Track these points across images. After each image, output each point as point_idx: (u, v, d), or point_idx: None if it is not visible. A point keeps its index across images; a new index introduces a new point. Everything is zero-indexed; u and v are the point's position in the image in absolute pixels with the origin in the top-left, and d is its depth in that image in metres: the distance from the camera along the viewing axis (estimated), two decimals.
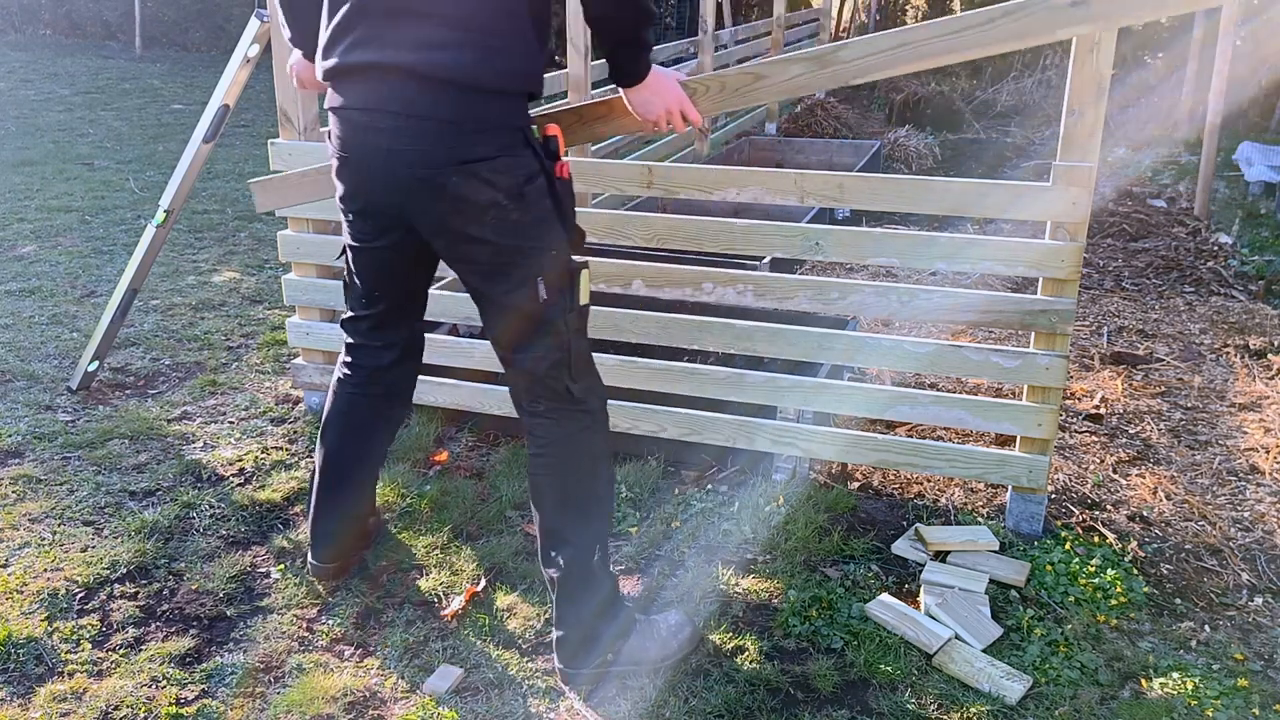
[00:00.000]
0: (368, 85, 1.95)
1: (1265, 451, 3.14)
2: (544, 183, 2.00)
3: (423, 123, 1.91)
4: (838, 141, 7.11)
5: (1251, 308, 4.37)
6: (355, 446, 2.42)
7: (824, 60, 2.29)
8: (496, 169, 1.94)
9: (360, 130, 1.98)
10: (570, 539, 2.15)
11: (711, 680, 2.17)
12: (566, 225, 2.06)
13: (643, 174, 2.77)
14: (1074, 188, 2.41)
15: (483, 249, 2.01)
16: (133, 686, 2.15)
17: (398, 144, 1.93)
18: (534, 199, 1.99)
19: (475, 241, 2.00)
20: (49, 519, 2.74)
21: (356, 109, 1.98)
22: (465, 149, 1.92)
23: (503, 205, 1.95)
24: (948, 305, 2.65)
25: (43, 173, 6.57)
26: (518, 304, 2.05)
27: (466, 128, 1.92)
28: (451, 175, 1.93)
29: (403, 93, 1.91)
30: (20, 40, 13.44)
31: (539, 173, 2.00)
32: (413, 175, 1.95)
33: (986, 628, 2.32)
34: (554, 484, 2.15)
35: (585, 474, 2.16)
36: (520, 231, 1.99)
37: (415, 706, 2.10)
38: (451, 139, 1.92)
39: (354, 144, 2.01)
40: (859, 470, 3.03)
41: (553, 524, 2.16)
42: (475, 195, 1.94)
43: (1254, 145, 6.64)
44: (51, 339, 3.96)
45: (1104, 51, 2.33)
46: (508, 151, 1.96)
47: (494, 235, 1.98)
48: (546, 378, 2.09)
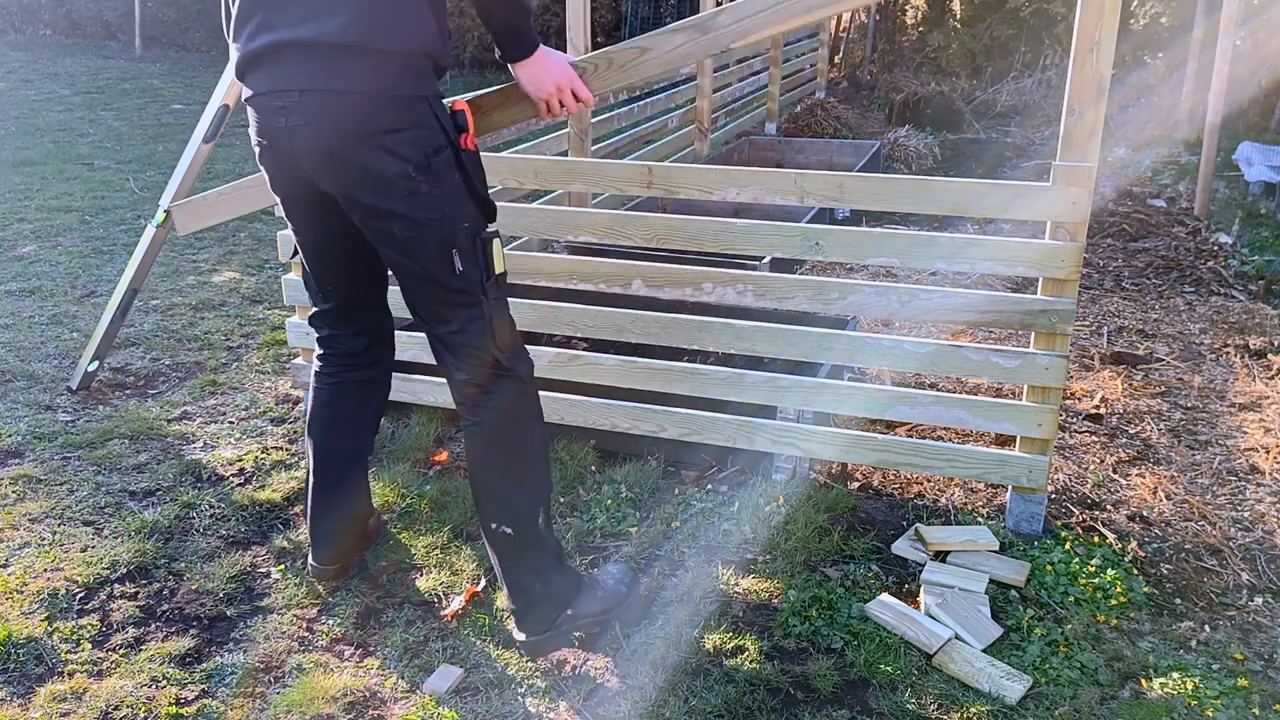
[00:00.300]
0: (272, 69, 1.98)
1: (1265, 451, 3.14)
2: (451, 155, 2.02)
3: (326, 96, 1.94)
4: (838, 141, 7.11)
5: (1251, 308, 4.37)
6: (341, 439, 2.43)
7: (704, 28, 2.31)
8: (403, 140, 1.96)
9: (271, 114, 2.00)
10: (512, 507, 2.18)
11: (711, 680, 2.17)
12: (476, 197, 2.08)
13: (643, 174, 2.77)
14: (1074, 188, 2.41)
15: (396, 223, 2.02)
16: (133, 686, 2.15)
17: (305, 121, 1.96)
18: (442, 171, 2.01)
19: (388, 215, 2.01)
20: (49, 519, 2.75)
21: (264, 94, 2.00)
22: (371, 121, 1.94)
23: (412, 178, 1.98)
24: (948, 305, 2.65)
25: (43, 173, 6.57)
26: (436, 277, 2.07)
27: (371, 98, 1.94)
28: (359, 148, 1.95)
29: (304, 68, 1.94)
30: (20, 40, 13.44)
31: (445, 145, 2.02)
32: (322, 151, 1.98)
33: (986, 628, 2.32)
34: (489, 453, 2.18)
35: (519, 441, 2.19)
36: (431, 204, 2.01)
37: (415, 706, 2.10)
38: (356, 111, 1.94)
39: (267, 129, 2.03)
40: (859, 470, 3.03)
41: (492, 493, 2.19)
42: (384, 168, 1.96)
43: (1254, 145, 6.64)
44: (51, 339, 3.96)
45: (1104, 51, 2.33)
46: (414, 123, 1.98)
47: (405, 208, 2.00)
48: (472, 348, 2.12)
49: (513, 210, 3.01)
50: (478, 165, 2.10)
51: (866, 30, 11.51)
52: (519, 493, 2.19)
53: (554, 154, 4.67)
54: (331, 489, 2.45)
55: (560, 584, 2.24)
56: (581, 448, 3.08)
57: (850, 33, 12.03)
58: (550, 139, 4.76)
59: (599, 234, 2.89)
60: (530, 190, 4.41)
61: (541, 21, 12.82)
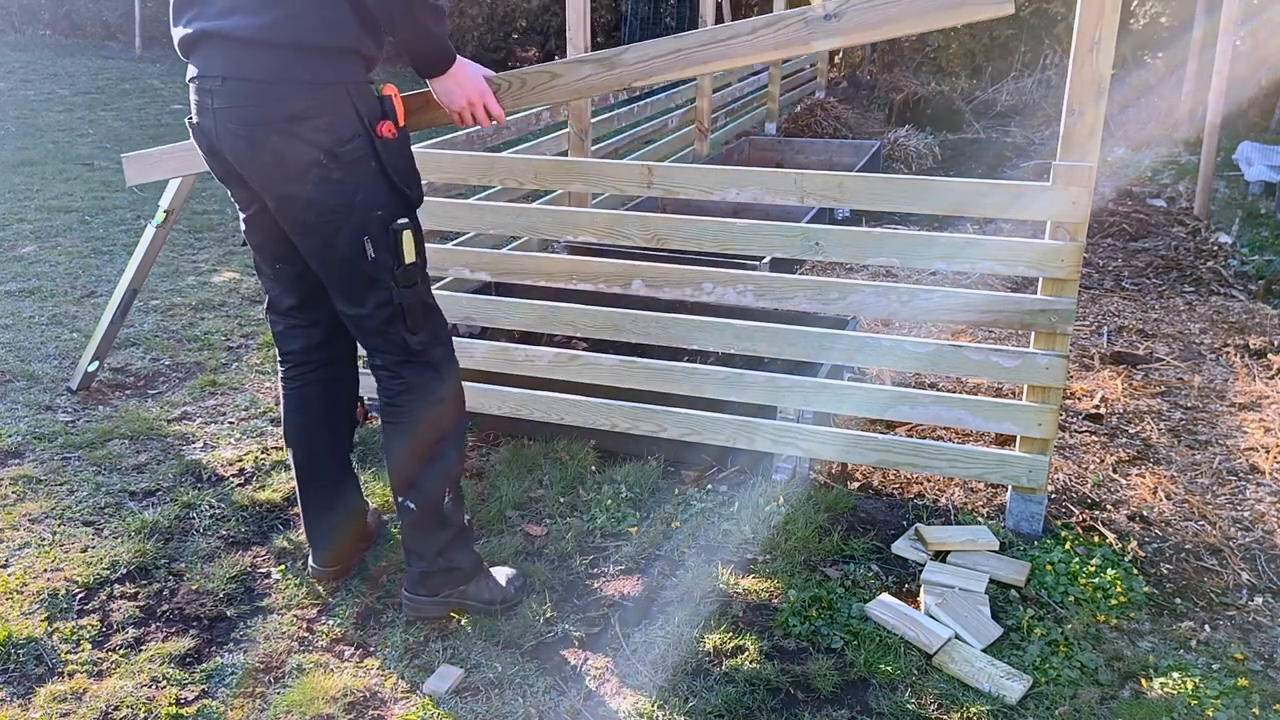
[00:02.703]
0: (201, 55, 2.05)
1: (1265, 451, 3.14)
2: (364, 143, 2.06)
3: (243, 84, 2.00)
4: (837, 141, 7.11)
5: (1251, 307, 4.37)
6: (318, 441, 2.44)
7: (610, 63, 2.38)
8: (316, 127, 2.01)
9: (201, 94, 2.07)
10: (418, 485, 2.27)
11: (711, 680, 2.17)
12: (392, 186, 2.12)
13: (643, 174, 2.77)
14: (1074, 187, 2.41)
15: (308, 209, 2.07)
16: (133, 687, 2.15)
17: (225, 104, 2.02)
18: (354, 159, 2.05)
19: (300, 201, 2.07)
20: (49, 519, 2.75)
21: (196, 78, 2.07)
22: (282, 107, 2.00)
23: (323, 164, 2.03)
24: (948, 305, 2.65)
25: (43, 173, 6.57)
26: (347, 261, 2.12)
27: (284, 86, 2.00)
28: (271, 134, 2.01)
29: (226, 56, 2.01)
30: (20, 40, 13.44)
31: (360, 133, 2.05)
32: (238, 136, 2.04)
33: (986, 627, 2.32)
34: (400, 433, 2.26)
35: (431, 423, 2.26)
36: (342, 191, 2.06)
37: (415, 707, 2.10)
38: (270, 97, 2.00)
39: (197, 109, 2.09)
40: (859, 470, 3.02)
41: (401, 472, 2.28)
42: (295, 154, 2.01)
43: (1254, 145, 6.64)
44: (51, 339, 3.96)
45: (1104, 51, 2.33)
46: (326, 110, 2.02)
47: (317, 194, 2.05)
48: (382, 332, 2.20)
49: (513, 210, 3.01)
50: (398, 154, 2.13)
51: None
52: (426, 473, 2.27)
53: (554, 154, 4.67)
54: (320, 491, 2.45)
55: (460, 561, 2.34)
56: (581, 448, 3.08)
57: None
58: (550, 139, 4.76)
59: (599, 234, 2.89)
60: (530, 190, 4.41)
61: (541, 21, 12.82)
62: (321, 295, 2.31)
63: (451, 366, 2.29)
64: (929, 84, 9.78)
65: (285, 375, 2.40)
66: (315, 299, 2.32)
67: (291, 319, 2.36)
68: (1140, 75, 8.99)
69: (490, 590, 2.39)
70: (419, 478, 2.26)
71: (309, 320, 2.36)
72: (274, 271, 2.31)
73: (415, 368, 2.23)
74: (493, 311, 3.06)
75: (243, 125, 2.02)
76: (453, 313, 3.12)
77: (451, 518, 2.32)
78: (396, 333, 2.19)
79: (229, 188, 2.23)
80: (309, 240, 2.14)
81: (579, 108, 4.71)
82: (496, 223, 3.00)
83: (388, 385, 2.25)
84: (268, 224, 2.21)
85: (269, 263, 2.30)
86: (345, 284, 2.17)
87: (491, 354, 3.08)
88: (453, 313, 3.12)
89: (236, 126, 2.02)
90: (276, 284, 2.33)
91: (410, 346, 2.21)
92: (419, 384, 2.23)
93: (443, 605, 2.35)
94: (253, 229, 2.26)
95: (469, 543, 2.38)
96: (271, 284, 2.34)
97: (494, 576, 2.42)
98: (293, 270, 2.28)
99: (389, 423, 2.27)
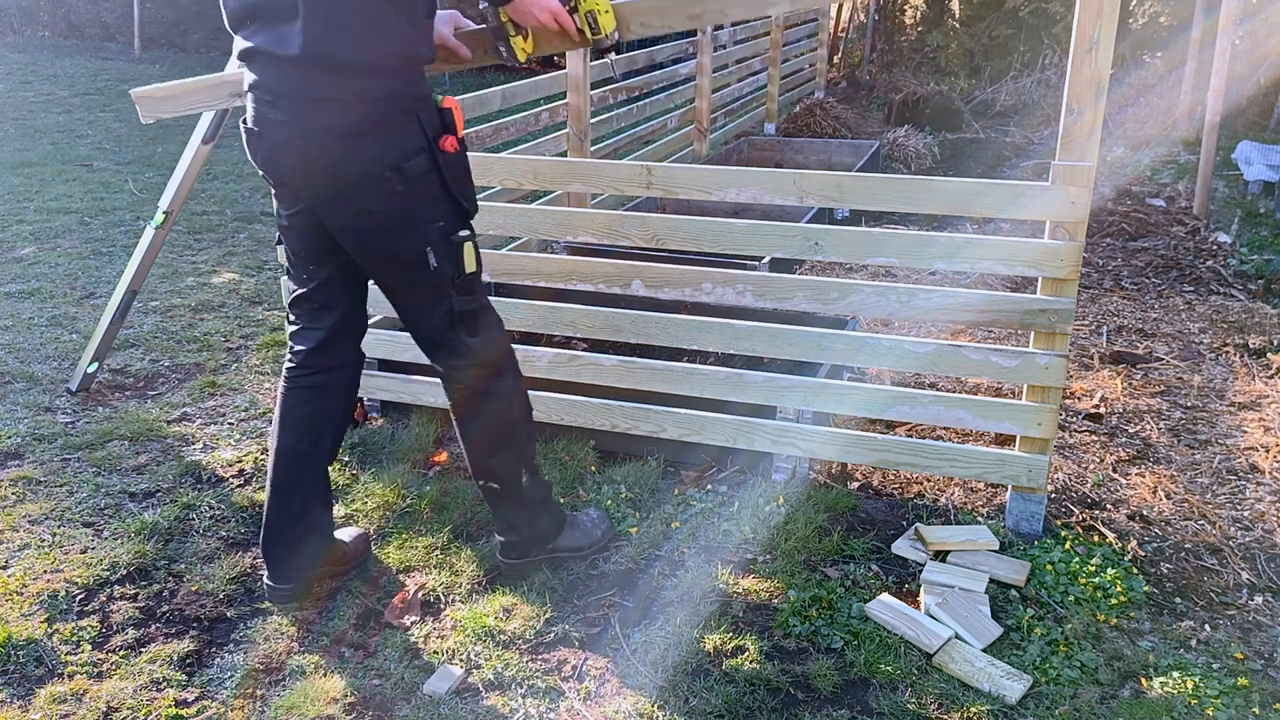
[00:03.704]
0: (259, 68, 2.09)
1: (1265, 450, 3.14)
2: (426, 158, 2.11)
3: (304, 101, 2.05)
4: (836, 141, 7.11)
5: (1251, 307, 4.37)
6: (296, 444, 2.38)
7: None
8: (381, 142, 2.07)
9: (261, 105, 2.11)
10: (495, 471, 2.41)
11: (711, 680, 2.17)
12: (451, 197, 2.18)
13: (642, 174, 2.77)
14: (1073, 187, 2.41)
15: (369, 220, 2.13)
16: (132, 688, 2.15)
17: (287, 117, 2.07)
18: (417, 173, 2.11)
19: (361, 212, 2.12)
20: (49, 520, 2.74)
21: (256, 88, 2.11)
22: (346, 122, 2.05)
23: (387, 178, 2.08)
24: (947, 305, 2.65)
25: (42, 174, 6.57)
26: (408, 271, 2.20)
27: (349, 104, 2.04)
28: (335, 148, 2.05)
29: (283, 75, 2.05)
30: (19, 42, 13.44)
31: (423, 148, 2.11)
32: (300, 150, 2.07)
33: (986, 627, 2.32)
34: (471, 428, 2.38)
35: (497, 416, 2.38)
36: (405, 203, 2.11)
37: (415, 707, 2.10)
38: (334, 114, 2.05)
39: (260, 118, 2.12)
40: (859, 470, 3.02)
41: (477, 461, 2.41)
42: (358, 167, 2.07)
43: (1253, 144, 6.63)
44: (51, 341, 3.96)
45: (1103, 51, 2.33)
46: (390, 126, 2.08)
47: (379, 206, 2.11)
48: (444, 340, 2.29)
49: (512, 211, 3.01)
50: (458, 166, 2.17)
51: (865, 30, 11.51)
52: (500, 460, 2.41)
53: (553, 154, 4.67)
54: (289, 494, 2.39)
55: (543, 525, 2.49)
56: (581, 448, 3.08)
57: (849, 32, 12.04)
58: (550, 139, 4.76)
59: (598, 234, 2.89)
60: (529, 190, 4.41)
61: None
62: (342, 300, 2.34)
63: (510, 362, 2.39)
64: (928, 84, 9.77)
65: (285, 372, 2.41)
66: (336, 303, 2.35)
67: (309, 319, 2.38)
68: (1139, 75, 8.99)
69: (577, 538, 2.56)
70: (495, 464, 2.40)
71: (324, 325, 2.36)
72: (308, 272, 2.33)
73: (476, 369, 2.31)
74: None
75: (306, 139, 2.07)
76: None
77: (532, 493, 2.46)
78: (457, 338, 2.27)
79: (276, 188, 2.26)
80: (369, 250, 2.19)
81: (578, 108, 4.71)
82: (496, 223, 3.00)
83: (452, 387, 2.34)
84: (310, 226, 2.25)
85: (304, 263, 2.32)
86: (405, 293, 2.26)
87: None
88: None
89: (301, 140, 2.07)
90: (305, 284, 2.35)
91: (471, 349, 2.28)
92: (481, 384, 2.32)
93: (535, 563, 2.51)
94: (294, 230, 2.29)
95: (551, 506, 2.52)
96: (300, 283, 2.36)
97: (580, 524, 2.59)
98: (326, 273, 2.32)
99: (459, 419, 2.37)
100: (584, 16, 2.38)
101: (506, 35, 2.40)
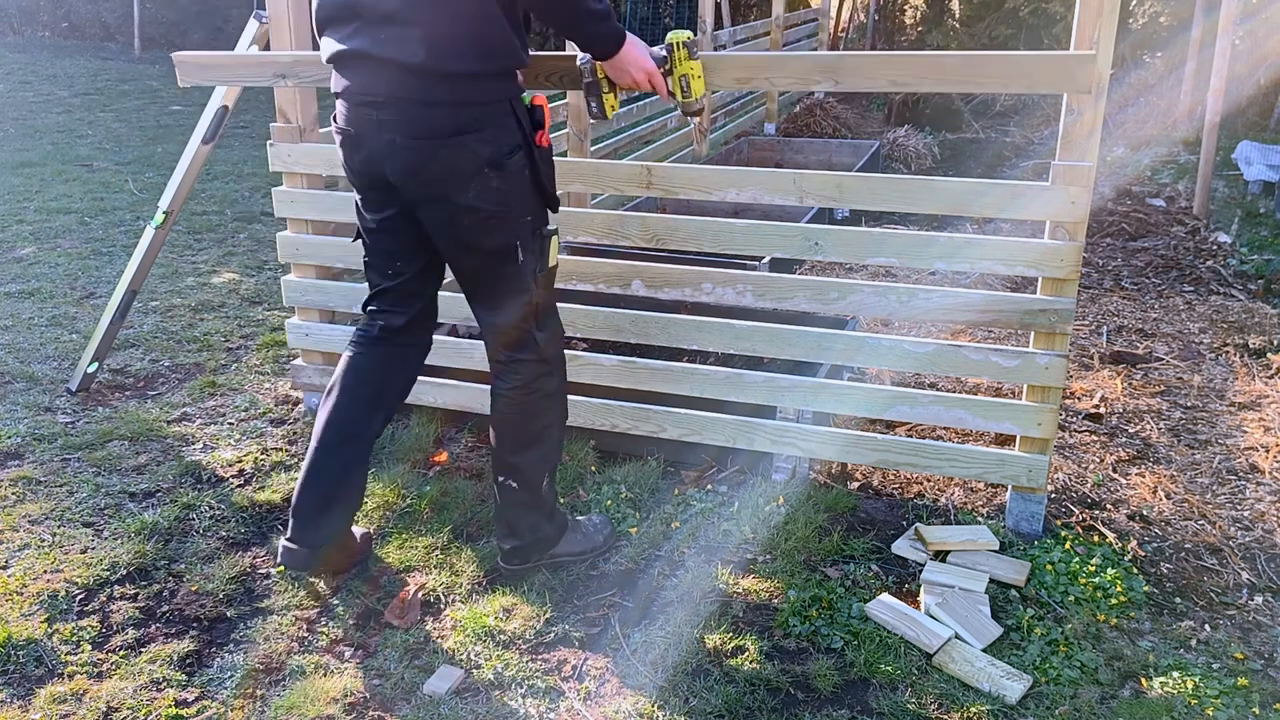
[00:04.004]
0: (361, 72, 2.14)
1: (1265, 450, 3.14)
2: (524, 154, 2.19)
3: (412, 105, 2.10)
4: (836, 141, 7.11)
5: (1251, 307, 4.37)
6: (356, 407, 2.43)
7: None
8: (483, 139, 2.12)
9: (360, 107, 2.16)
10: (522, 470, 2.42)
11: (711, 680, 2.17)
12: (542, 193, 2.26)
13: (642, 174, 2.77)
14: (1073, 187, 2.41)
15: (467, 215, 2.18)
16: (132, 688, 2.15)
17: (392, 118, 2.11)
18: (515, 169, 2.18)
19: (461, 209, 2.17)
20: (49, 520, 2.74)
21: (355, 92, 2.16)
22: (453, 123, 2.10)
23: (486, 174, 2.14)
24: (947, 305, 2.65)
25: (42, 174, 6.57)
26: (497, 266, 2.26)
27: (455, 105, 2.10)
28: (441, 148, 2.11)
29: (388, 80, 2.10)
30: (19, 42, 13.44)
31: (521, 144, 2.18)
32: (408, 148, 2.11)
33: (986, 627, 2.32)
34: (511, 423, 2.40)
35: (539, 415, 2.42)
36: (502, 198, 2.18)
37: (415, 707, 2.10)
38: (441, 115, 2.10)
39: (356, 120, 2.18)
40: (859, 470, 3.02)
41: (507, 458, 2.42)
42: (462, 165, 2.12)
43: (1253, 144, 6.64)
44: (51, 341, 3.96)
45: (1102, 51, 2.33)
46: (493, 124, 2.14)
47: (478, 202, 2.16)
48: (516, 330, 2.33)
49: None
50: (548, 162, 2.27)
51: (865, 30, 11.51)
52: (529, 459, 2.42)
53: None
54: (331, 455, 2.41)
55: (547, 531, 2.50)
56: (581, 448, 3.08)
57: (849, 32, 12.04)
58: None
59: (598, 234, 2.89)
60: None
61: None
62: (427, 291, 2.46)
63: (561, 363, 2.45)
64: None
65: (362, 340, 2.46)
66: (421, 293, 2.45)
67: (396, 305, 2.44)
68: (1139, 75, 8.99)
69: (579, 543, 2.57)
70: (522, 463, 2.41)
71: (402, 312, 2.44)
72: (394, 269, 2.39)
73: (534, 364, 2.36)
74: None
75: (412, 139, 2.11)
76: (453, 313, 3.12)
77: (547, 498, 2.48)
78: (528, 330, 2.33)
79: (367, 192, 2.30)
80: (462, 244, 2.25)
81: (578, 108, 4.71)
82: None
83: (507, 379, 2.37)
84: (401, 228, 2.31)
85: (390, 261, 2.39)
86: (489, 285, 2.30)
87: None
88: (453, 313, 3.12)
89: (405, 140, 2.12)
90: (391, 279, 2.41)
91: (536, 343, 2.35)
92: (534, 379, 2.37)
93: (536, 568, 2.53)
94: (383, 232, 2.34)
95: (556, 512, 2.53)
96: (385, 278, 2.41)
97: (581, 528, 2.60)
98: (412, 269, 2.39)
99: (501, 412, 2.40)
100: (678, 80, 2.42)
101: (600, 92, 2.43)
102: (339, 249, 3.16)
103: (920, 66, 2.37)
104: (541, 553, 2.51)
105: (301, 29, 3.04)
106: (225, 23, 13.05)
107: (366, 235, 2.39)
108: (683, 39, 2.39)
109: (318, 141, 3.13)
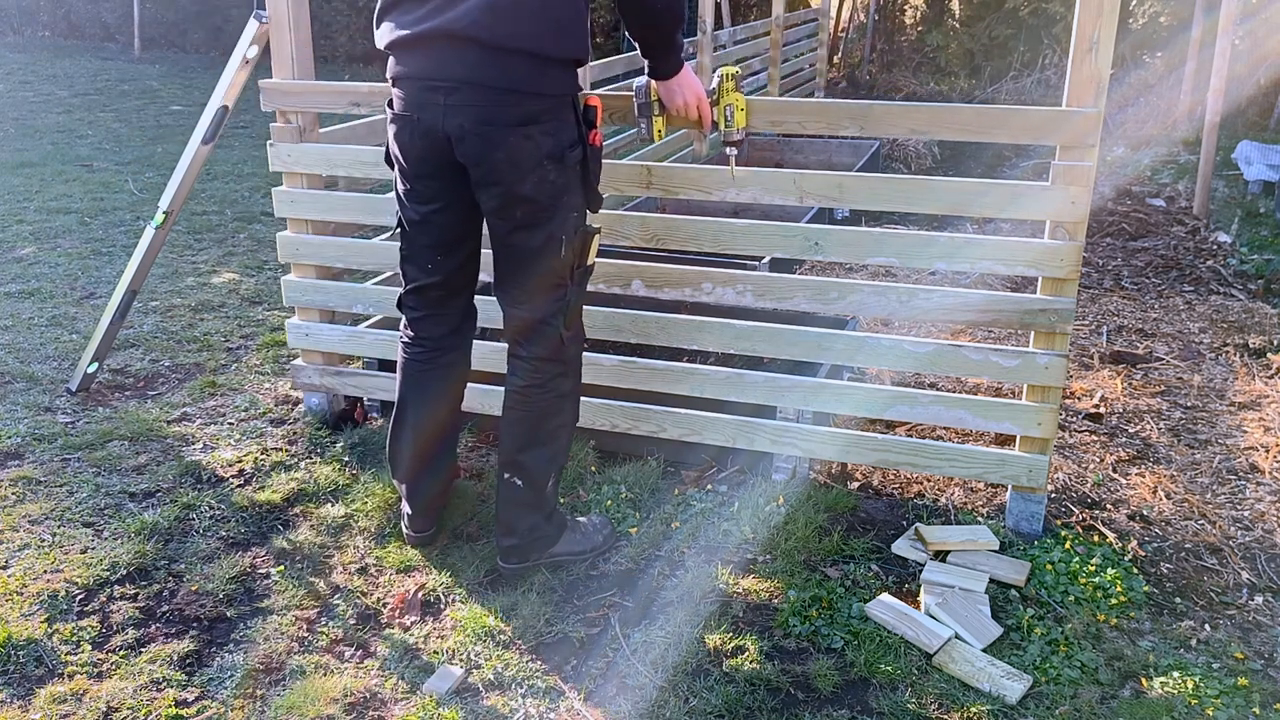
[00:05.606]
0: (430, 54, 2.15)
1: (1265, 450, 3.14)
2: (581, 150, 2.24)
3: (482, 90, 2.12)
4: (836, 141, 7.11)
5: (1251, 306, 4.37)
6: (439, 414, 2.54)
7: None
8: (546, 131, 2.16)
9: (428, 92, 2.16)
10: (528, 468, 2.42)
11: (711, 680, 2.17)
12: (588, 190, 2.30)
13: (642, 174, 2.77)
14: (1073, 187, 2.41)
15: (522, 205, 2.21)
16: (132, 688, 2.15)
17: (461, 103, 2.13)
18: (572, 163, 2.23)
19: (518, 198, 2.20)
20: (49, 521, 2.74)
21: (419, 77, 2.17)
22: (521, 112, 2.13)
23: (545, 166, 2.18)
24: (947, 305, 2.65)
25: (42, 174, 6.57)
26: (540, 257, 2.27)
27: (525, 93, 2.13)
28: (509, 135, 2.13)
29: (464, 60, 2.11)
30: (19, 42, 13.45)
31: (579, 140, 2.24)
32: (473, 133, 2.14)
33: (986, 627, 2.32)
34: (523, 421, 2.41)
35: (552, 415, 2.43)
36: (555, 191, 2.22)
37: (415, 707, 2.10)
38: (510, 103, 2.12)
39: (419, 105, 2.18)
40: (859, 470, 3.02)
41: (515, 456, 2.42)
42: (526, 155, 2.15)
43: (1253, 144, 6.64)
44: (51, 341, 3.96)
45: (1102, 51, 2.33)
46: (557, 117, 2.18)
47: (534, 193, 2.19)
48: (545, 324, 2.34)
49: None
50: (598, 160, 2.30)
51: (865, 30, 11.51)
52: (537, 458, 2.42)
53: None
54: (432, 460, 2.55)
55: (546, 530, 2.50)
56: (581, 448, 3.08)
57: (849, 32, 12.04)
58: None
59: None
60: None
61: None
62: (468, 287, 2.49)
63: (579, 365, 2.47)
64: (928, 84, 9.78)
65: (410, 357, 2.50)
66: (462, 289, 2.48)
67: (431, 310, 2.47)
68: (1139, 74, 8.99)
69: (579, 543, 2.57)
70: (530, 461, 2.42)
71: (444, 311, 2.48)
72: (434, 263, 2.40)
73: (555, 364, 2.38)
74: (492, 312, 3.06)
75: (480, 125, 2.13)
76: None
77: (550, 499, 2.48)
78: (555, 327, 2.34)
79: (415, 182, 2.30)
80: (511, 233, 2.26)
81: None
82: None
83: (525, 377, 2.38)
84: (448, 220, 2.34)
85: (431, 256, 2.40)
86: (530, 277, 2.30)
87: (491, 355, 3.07)
88: None
89: (474, 125, 2.13)
90: (431, 274, 2.42)
91: (562, 341, 2.36)
92: (551, 379, 2.39)
93: (536, 567, 2.52)
94: (429, 224, 2.35)
95: (556, 513, 2.53)
96: (425, 273, 2.42)
97: (581, 528, 2.59)
98: (453, 263, 2.41)
99: (514, 408, 2.41)
100: (723, 109, 2.48)
101: (651, 114, 2.47)
102: (339, 249, 3.16)
103: (938, 117, 2.48)
104: (540, 552, 2.51)
105: (301, 29, 3.04)
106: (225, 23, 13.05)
107: (408, 226, 2.39)
108: (732, 71, 2.46)
109: (318, 141, 3.12)
